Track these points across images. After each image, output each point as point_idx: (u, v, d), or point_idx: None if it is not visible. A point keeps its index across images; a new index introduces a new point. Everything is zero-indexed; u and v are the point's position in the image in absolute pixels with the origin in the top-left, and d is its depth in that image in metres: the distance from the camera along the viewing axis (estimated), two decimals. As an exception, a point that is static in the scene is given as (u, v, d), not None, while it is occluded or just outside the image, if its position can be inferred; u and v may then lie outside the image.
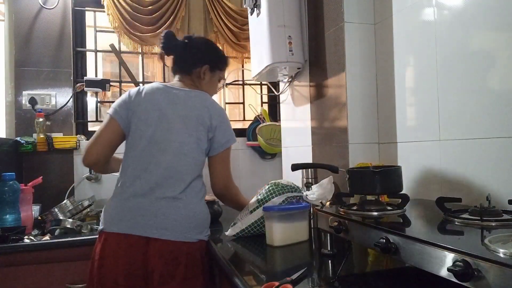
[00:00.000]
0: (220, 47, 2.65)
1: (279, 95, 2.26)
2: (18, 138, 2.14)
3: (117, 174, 1.39)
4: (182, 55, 1.48)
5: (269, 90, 2.73)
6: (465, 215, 0.85)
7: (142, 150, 1.32)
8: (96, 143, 1.34)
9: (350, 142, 1.50)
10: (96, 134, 1.36)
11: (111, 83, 2.42)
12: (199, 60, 1.46)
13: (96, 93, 2.43)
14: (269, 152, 2.60)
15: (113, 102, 2.53)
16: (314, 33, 1.79)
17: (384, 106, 1.51)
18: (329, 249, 1.12)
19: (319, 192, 1.31)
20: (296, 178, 1.54)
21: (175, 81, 1.47)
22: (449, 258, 0.62)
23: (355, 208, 1.01)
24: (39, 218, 1.93)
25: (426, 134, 1.28)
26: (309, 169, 1.52)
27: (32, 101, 2.22)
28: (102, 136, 1.36)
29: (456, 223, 0.82)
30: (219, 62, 1.53)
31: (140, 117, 1.34)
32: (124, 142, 1.39)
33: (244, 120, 2.77)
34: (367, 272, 1.03)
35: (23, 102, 2.23)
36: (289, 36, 1.74)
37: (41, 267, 1.55)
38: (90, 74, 2.43)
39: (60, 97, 2.30)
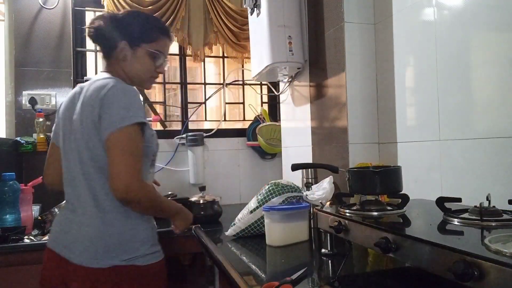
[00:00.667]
0: (221, 48, 2.66)
1: (279, 95, 2.26)
2: (18, 138, 2.14)
3: None
4: (99, 40, 1.26)
5: (269, 90, 2.73)
6: (465, 215, 0.85)
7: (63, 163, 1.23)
8: (46, 165, 1.33)
9: (350, 142, 1.50)
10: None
11: (111, 83, 2.41)
12: (114, 38, 1.21)
13: (96, 93, 2.43)
14: (269, 152, 2.60)
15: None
16: (314, 33, 1.79)
17: (384, 106, 1.51)
18: (329, 249, 1.12)
19: (319, 192, 1.31)
20: (296, 178, 1.54)
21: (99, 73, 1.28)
22: (449, 258, 0.62)
23: (355, 208, 1.01)
24: (39, 218, 1.92)
25: (426, 134, 1.28)
26: (309, 169, 1.52)
27: (32, 101, 2.22)
28: (47, 156, 1.33)
29: (456, 223, 0.82)
30: (141, 33, 1.23)
31: (56, 130, 1.27)
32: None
33: (244, 120, 2.77)
34: (367, 272, 1.03)
35: (23, 102, 2.23)
36: (289, 36, 1.75)
37: (41, 267, 1.54)
38: (90, 74, 2.43)
39: (60, 97, 2.30)
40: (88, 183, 1.13)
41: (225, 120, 2.69)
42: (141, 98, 1.21)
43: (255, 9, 1.86)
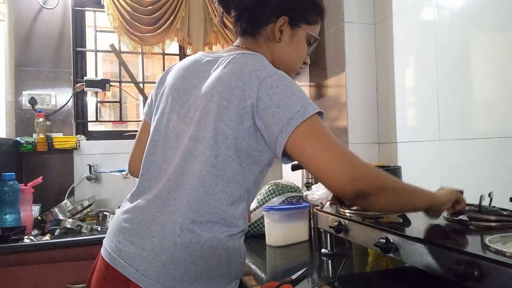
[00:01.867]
0: (221, 48, 2.65)
1: (279, 95, 2.26)
2: (18, 138, 2.13)
3: None
4: (245, 6, 0.93)
5: (269, 90, 2.73)
6: (465, 215, 0.85)
7: (147, 150, 0.91)
8: (134, 150, 1.03)
9: (350, 142, 1.50)
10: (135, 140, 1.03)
11: (111, 83, 2.41)
12: (271, 11, 0.92)
13: (96, 93, 2.43)
14: (269, 152, 2.59)
15: (113, 102, 2.55)
16: (314, 33, 1.79)
17: (384, 106, 1.51)
18: (329, 249, 1.12)
19: (319, 192, 1.31)
20: (296, 178, 1.54)
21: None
22: (449, 258, 0.62)
23: (355, 208, 1.01)
24: (39, 218, 1.92)
25: (426, 134, 1.28)
26: (309, 169, 1.52)
27: (32, 101, 2.22)
28: (138, 139, 1.02)
29: (456, 223, 0.82)
30: (305, 10, 0.95)
31: (157, 105, 0.93)
32: None
33: (244, 120, 2.76)
34: (367, 272, 1.03)
35: (23, 102, 2.23)
36: (289, 36, 1.74)
37: (41, 267, 1.54)
38: (90, 74, 2.43)
39: (60, 97, 2.30)
40: (195, 184, 0.79)
41: (225, 120, 2.69)
42: None
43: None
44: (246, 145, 0.81)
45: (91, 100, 2.46)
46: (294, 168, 1.51)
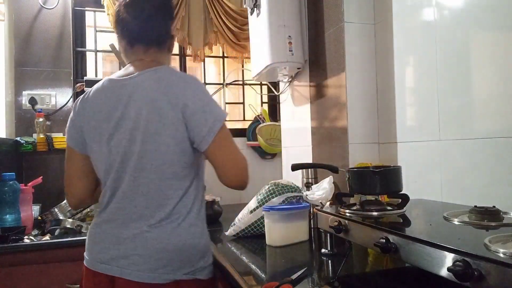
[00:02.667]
0: (221, 48, 2.65)
1: (279, 95, 2.26)
2: (18, 138, 2.14)
3: None
4: (155, 20, 1.09)
5: (269, 90, 2.73)
6: (465, 215, 0.85)
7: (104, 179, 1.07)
8: (67, 179, 1.18)
9: (350, 142, 1.50)
10: (65, 172, 1.16)
11: (111, 83, 2.42)
12: (170, 28, 1.11)
13: (96, 93, 2.43)
14: (269, 152, 2.60)
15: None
16: (314, 33, 1.79)
17: (384, 106, 1.51)
18: (329, 249, 1.12)
19: (319, 192, 1.31)
20: (296, 178, 1.54)
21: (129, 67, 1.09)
22: (449, 258, 0.62)
23: (355, 208, 1.01)
24: (39, 218, 1.93)
25: (426, 134, 1.28)
26: (309, 169, 1.52)
27: (32, 101, 2.22)
28: (68, 168, 1.17)
29: (456, 223, 0.82)
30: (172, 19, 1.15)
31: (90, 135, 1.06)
32: None
33: (244, 120, 2.77)
34: (367, 272, 1.03)
35: (23, 102, 2.23)
36: (289, 36, 1.74)
37: (41, 267, 1.55)
38: (90, 74, 2.43)
39: (60, 97, 2.30)
40: (148, 189, 1.00)
41: (225, 120, 2.69)
42: None
43: (255, 9, 1.86)
44: (185, 147, 1.02)
45: (91, 100, 2.45)
46: (294, 168, 1.51)
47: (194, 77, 1.05)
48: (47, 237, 1.69)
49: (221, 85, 2.71)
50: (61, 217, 1.88)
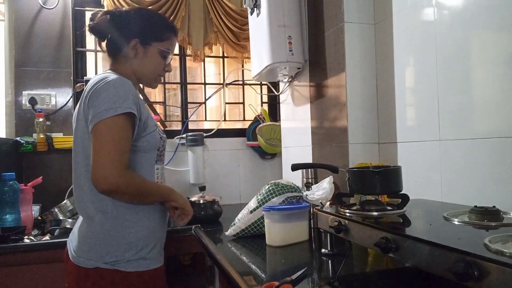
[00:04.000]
0: (221, 48, 2.65)
1: (279, 95, 2.26)
2: (18, 138, 2.14)
3: None
4: (107, 34, 1.22)
5: (269, 90, 2.73)
6: (465, 215, 0.85)
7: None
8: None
9: (350, 142, 1.50)
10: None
11: (111, 83, 2.42)
12: (125, 35, 1.20)
13: (96, 93, 2.43)
14: (269, 152, 2.60)
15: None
16: (314, 33, 1.79)
17: (384, 106, 1.51)
18: (329, 249, 1.12)
19: (319, 192, 1.31)
20: (296, 178, 1.54)
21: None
22: (449, 258, 0.62)
23: (355, 208, 1.01)
24: (39, 218, 1.92)
25: (426, 134, 1.28)
26: (309, 169, 1.52)
27: (32, 101, 2.22)
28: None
29: (456, 223, 0.82)
30: (154, 31, 1.23)
31: None
32: None
33: (244, 120, 2.77)
34: (367, 272, 1.03)
35: (23, 102, 2.23)
36: (289, 36, 1.75)
37: (41, 267, 1.55)
38: (90, 74, 2.43)
39: (60, 97, 2.30)
40: (78, 182, 1.15)
41: (225, 120, 2.69)
42: (140, 96, 1.19)
43: (255, 9, 1.86)
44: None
45: (91, 100, 2.45)
46: (294, 168, 1.51)
47: (102, 77, 1.12)
48: (47, 237, 1.69)
49: (221, 85, 2.71)
50: (61, 217, 1.88)
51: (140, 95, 1.23)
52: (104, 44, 1.25)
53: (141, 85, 1.52)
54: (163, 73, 1.30)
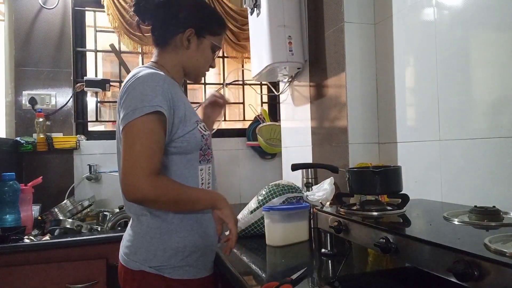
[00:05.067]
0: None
1: (279, 95, 2.26)
2: (18, 138, 2.14)
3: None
4: (157, 19, 1.12)
5: (269, 90, 2.73)
6: (465, 215, 0.85)
7: None
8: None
9: (350, 142, 1.50)
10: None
11: (111, 83, 2.42)
12: (179, 24, 1.10)
13: (96, 93, 2.43)
14: (269, 152, 2.60)
15: (113, 102, 2.55)
16: (314, 33, 1.79)
17: (384, 106, 1.51)
18: (329, 249, 1.12)
19: (319, 193, 1.31)
20: (296, 178, 1.54)
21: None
22: (449, 258, 0.62)
23: (355, 208, 1.01)
24: (39, 218, 1.93)
25: (426, 134, 1.28)
26: (309, 169, 1.52)
27: (32, 101, 2.22)
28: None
29: (456, 223, 0.82)
30: (210, 24, 1.15)
31: None
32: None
33: (244, 120, 2.77)
34: (367, 272, 1.03)
35: (23, 102, 2.23)
36: (289, 36, 1.75)
37: (41, 267, 1.55)
38: (90, 74, 2.43)
39: (60, 97, 2.30)
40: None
41: (225, 120, 2.69)
42: (179, 89, 1.12)
43: (255, 9, 1.86)
44: None
45: (91, 100, 2.46)
46: (294, 168, 1.51)
47: (134, 72, 1.04)
48: (47, 237, 1.69)
49: (221, 85, 2.71)
50: (61, 217, 1.88)
51: (181, 88, 1.17)
52: (150, 30, 1.14)
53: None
54: (209, 68, 1.22)
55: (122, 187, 0.95)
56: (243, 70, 2.76)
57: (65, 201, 2.01)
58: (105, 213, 2.06)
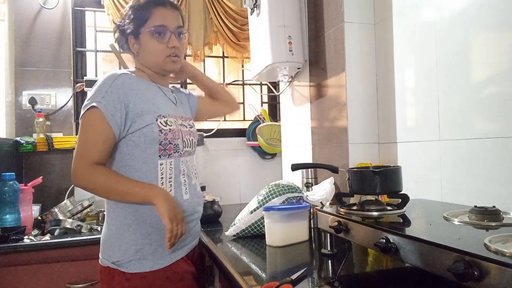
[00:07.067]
0: (221, 48, 2.65)
1: (279, 95, 2.26)
2: (18, 138, 2.13)
3: None
4: (124, 49, 1.26)
5: (269, 90, 2.73)
6: (465, 215, 0.85)
7: None
8: None
9: (350, 142, 1.50)
10: None
11: (111, 83, 2.41)
12: (125, 40, 1.21)
13: (96, 93, 2.43)
14: (269, 152, 2.60)
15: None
16: (314, 33, 1.79)
17: (384, 106, 1.51)
18: (329, 249, 1.12)
19: (319, 193, 1.31)
20: (296, 178, 1.54)
21: None
22: (449, 258, 0.62)
23: (355, 208, 1.01)
24: (39, 218, 1.93)
25: (426, 134, 1.28)
26: (309, 169, 1.52)
27: (32, 101, 2.22)
28: None
29: (456, 223, 0.82)
30: (136, 18, 1.16)
31: None
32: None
33: (244, 120, 2.77)
34: (367, 272, 1.03)
35: (23, 102, 2.23)
36: (289, 36, 1.74)
37: (41, 267, 1.55)
38: (90, 74, 2.43)
39: (60, 97, 2.30)
40: None
41: (225, 120, 2.69)
42: (142, 87, 1.17)
43: (255, 9, 1.86)
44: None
45: (91, 100, 2.45)
46: (294, 168, 1.51)
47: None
48: (47, 237, 1.69)
49: (221, 85, 2.71)
50: (61, 217, 1.88)
51: (162, 87, 1.24)
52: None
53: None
54: (169, 51, 1.18)
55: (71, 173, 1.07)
56: (243, 70, 2.76)
57: (65, 201, 2.01)
58: (105, 213, 2.05)
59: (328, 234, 1.10)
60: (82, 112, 1.09)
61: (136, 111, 1.09)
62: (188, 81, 2.64)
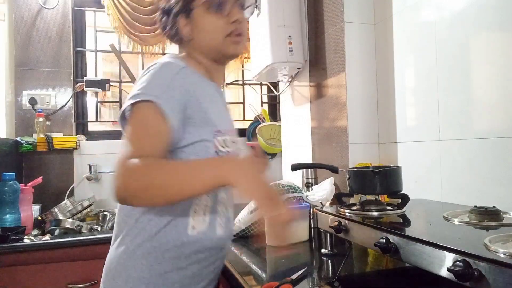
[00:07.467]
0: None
1: (279, 95, 2.26)
2: (18, 138, 2.13)
3: None
4: (168, 37, 0.98)
5: (269, 90, 2.73)
6: (465, 215, 0.85)
7: None
8: None
9: (350, 142, 1.50)
10: None
11: (111, 83, 2.42)
12: (173, 22, 0.93)
13: (96, 93, 2.43)
14: (269, 152, 2.60)
15: (113, 102, 2.55)
16: (314, 33, 1.79)
17: (384, 106, 1.51)
18: (329, 249, 1.12)
19: (320, 193, 1.31)
20: (296, 178, 1.54)
21: None
22: (449, 258, 0.62)
23: (355, 208, 1.01)
24: (39, 218, 1.93)
25: (426, 134, 1.28)
26: (309, 169, 1.52)
27: (32, 101, 2.22)
28: None
29: (456, 223, 0.82)
30: None
31: None
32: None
33: (244, 120, 2.77)
34: (367, 272, 1.03)
35: (23, 102, 2.23)
36: (289, 36, 1.74)
37: (41, 267, 1.55)
38: (90, 74, 2.43)
39: (60, 97, 2.30)
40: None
41: (225, 120, 2.69)
42: (206, 84, 0.92)
43: (255, 9, 1.86)
44: None
45: (91, 100, 2.46)
46: (294, 168, 1.51)
47: (153, 63, 0.86)
48: (47, 237, 1.69)
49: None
50: (61, 217, 1.88)
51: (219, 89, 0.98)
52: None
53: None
54: (232, 27, 0.90)
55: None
56: (243, 70, 2.76)
57: (65, 201, 2.01)
58: (105, 213, 2.05)
59: (328, 234, 1.11)
60: (130, 103, 0.77)
61: (194, 119, 0.82)
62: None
